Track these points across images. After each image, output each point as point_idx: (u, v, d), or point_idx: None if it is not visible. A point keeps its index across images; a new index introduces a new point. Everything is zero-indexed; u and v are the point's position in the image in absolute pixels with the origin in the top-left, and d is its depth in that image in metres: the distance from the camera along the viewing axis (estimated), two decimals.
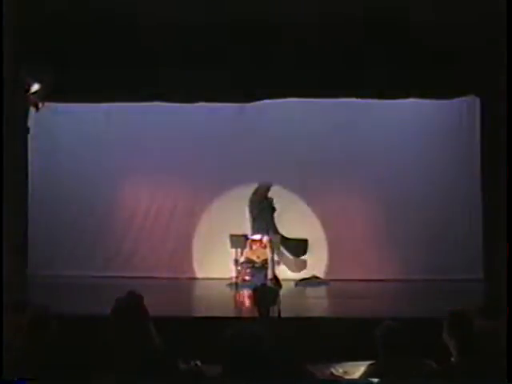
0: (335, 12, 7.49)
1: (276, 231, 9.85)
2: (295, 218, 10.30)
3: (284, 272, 9.47)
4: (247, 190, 9.99)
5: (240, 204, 10.01)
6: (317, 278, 9.95)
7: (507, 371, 3.25)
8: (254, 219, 9.76)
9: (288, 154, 10.43)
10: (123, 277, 10.10)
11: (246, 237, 9.50)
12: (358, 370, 4.13)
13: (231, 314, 7.32)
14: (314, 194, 10.64)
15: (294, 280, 9.77)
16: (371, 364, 3.78)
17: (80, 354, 3.78)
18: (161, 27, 7.87)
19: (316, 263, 10.34)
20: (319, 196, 10.65)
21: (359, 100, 9.29)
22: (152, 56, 8.03)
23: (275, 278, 9.24)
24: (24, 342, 3.96)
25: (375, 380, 3.58)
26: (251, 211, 9.91)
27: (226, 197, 10.57)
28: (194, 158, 10.57)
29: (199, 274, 10.53)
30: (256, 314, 6.62)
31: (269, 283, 8.60)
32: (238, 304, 8.38)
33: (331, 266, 10.38)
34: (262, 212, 9.70)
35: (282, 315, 6.62)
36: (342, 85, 8.58)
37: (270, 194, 9.97)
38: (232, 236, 9.67)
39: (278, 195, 10.01)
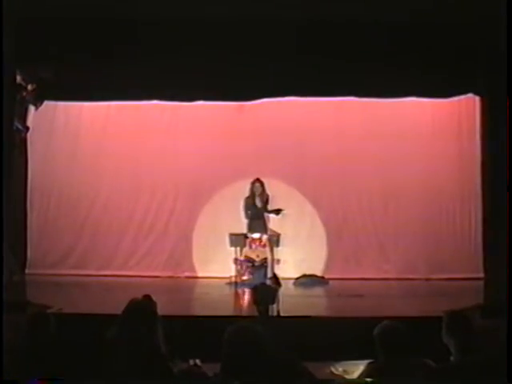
0: (335, 12, 7.49)
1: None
2: (294, 215, 10.30)
3: (283, 271, 9.45)
4: (246, 188, 9.96)
5: (239, 202, 9.99)
6: (316, 276, 9.94)
7: (507, 371, 3.24)
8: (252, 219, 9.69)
9: (287, 151, 10.45)
10: (123, 276, 10.11)
11: (245, 235, 9.49)
12: (357, 368, 4.13)
13: (231, 313, 7.30)
14: (313, 192, 10.65)
15: (293, 279, 9.76)
16: (370, 363, 3.78)
17: (80, 352, 3.78)
18: (160, 25, 7.87)
19: (315, 262, 10.34)
20: (319, 194, 10.66)
21: (359, 99, 9.33)
22: (151, 55, 8.03)
23: (275, 277, 9.21)
24: (24, 341, 3.96)
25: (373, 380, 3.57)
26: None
27: (225, 195, 10.56)
28: (194, 157, 10.56)
29: (199, 273, 10.52)
30: (255, 313, 6.61)
31: (268, 282, 8.59)
32: (238, 303, 8.38)
33: (330, 264, 10.38)
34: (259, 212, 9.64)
35: (282, 314, 6.61)
36: (341, 84, 8.60)
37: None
38: (231, 235, 9.67)
39: (278, 192, 9.97)
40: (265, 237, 9.47)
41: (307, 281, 9.73)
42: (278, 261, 9.65)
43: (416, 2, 7.44)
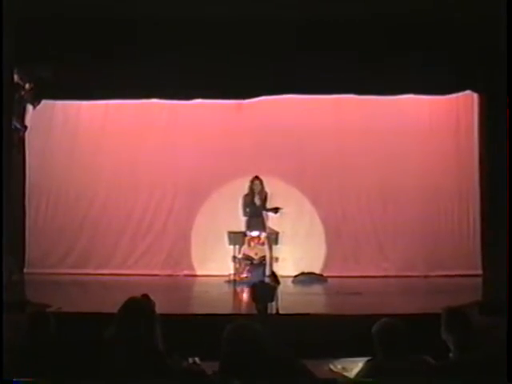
0: (334, 11, 7.50)
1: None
2: (293, 213, 10.30)
3: (282, 269, 9.46)
4: (245, 186, 9.97)
5: (238, 200, 9.99)
6: (315, 274, 9.94)
7: (507, 371, 3.25)
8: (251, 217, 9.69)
9: (286, 149, 10.44)
10: (121, 274, 10.11)
11: (244, 234, 9.50)
12: (355, 366, 4.13)
13: (229, 311, 7.31)
14: (312, 189, 10.65)
15: (292, 277, 9.76)
16: (369, 360, 3.79)
17: (79, 351, 3.78)
18: (157, 24, 7.88)
19: (314, 260, 10.34)
20: (317, 192, 10.67)
21: (357, 96, 9.33)
22: (150, 54, 8.03)
23: (273, 275, 9.20)
24: (24, 341, 3.96)
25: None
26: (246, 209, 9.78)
27: (224, 193, 10.56)
28: (192, 155, 10.56)
29: (198, 272, 10.52)
30: (254, 311, 6.61)
31: (267, 280, 8.59)
32: (237, 301, 8.38)
33: (329, 262, 10.39)
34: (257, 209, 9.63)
35: (280, 312, 6.62)
36: (339, 81, 8.60)
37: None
38: (230, 233, 9.67)
39: (276, 190, 9.96)
40: (263, 235, 9.47)
41: (306, 279, 9.74)
42: (277, 259, 9.66)
43: (415, 1, 7.45)
